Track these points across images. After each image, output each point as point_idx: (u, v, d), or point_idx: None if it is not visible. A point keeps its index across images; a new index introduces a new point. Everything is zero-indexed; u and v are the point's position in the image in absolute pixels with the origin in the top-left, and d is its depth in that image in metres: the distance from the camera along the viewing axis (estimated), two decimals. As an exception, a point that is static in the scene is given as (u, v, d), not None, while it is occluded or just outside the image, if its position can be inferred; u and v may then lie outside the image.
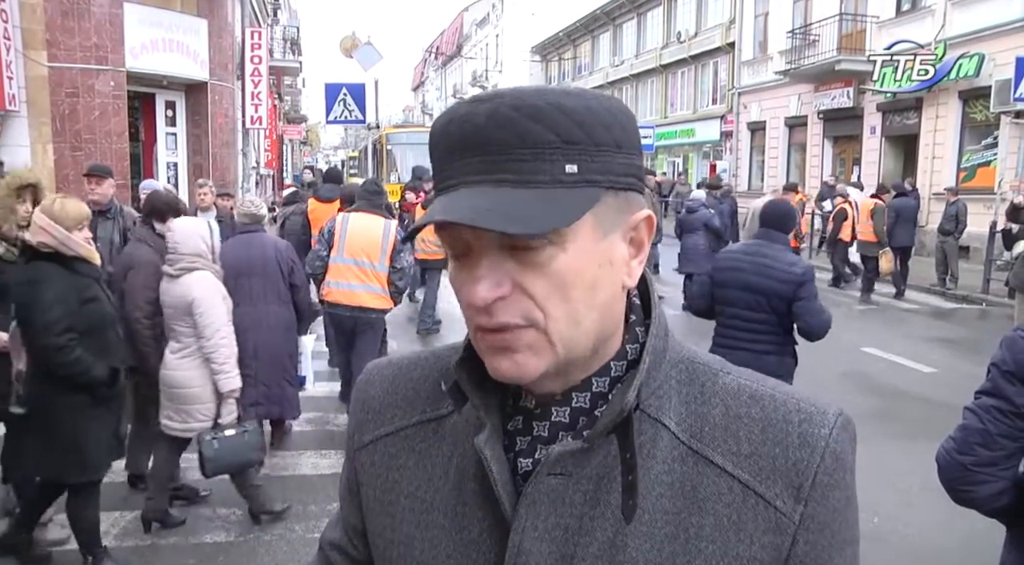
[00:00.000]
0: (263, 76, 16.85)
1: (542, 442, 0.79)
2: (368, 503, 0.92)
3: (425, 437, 0.88)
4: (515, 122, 0.70)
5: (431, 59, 68.00)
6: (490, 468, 0.76)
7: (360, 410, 0.95)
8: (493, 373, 0.75)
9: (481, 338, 0.75)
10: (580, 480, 0.77)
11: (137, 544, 4.15)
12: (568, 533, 0.76)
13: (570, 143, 0.71)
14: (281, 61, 24.74)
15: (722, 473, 0.76)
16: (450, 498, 0.83)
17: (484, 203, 0.69)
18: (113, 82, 11.04)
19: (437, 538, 0.83)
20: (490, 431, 0.78)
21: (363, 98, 13.35)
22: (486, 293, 0.71)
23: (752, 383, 0.81)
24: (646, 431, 0.77)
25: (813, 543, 0.76)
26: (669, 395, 0.79)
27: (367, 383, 0.96)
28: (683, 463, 0.77)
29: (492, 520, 0.79)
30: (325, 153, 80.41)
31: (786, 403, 0.78)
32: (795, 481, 0.75)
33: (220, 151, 13.54)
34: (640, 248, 0.78)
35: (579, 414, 0.78)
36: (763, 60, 24.55)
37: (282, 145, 33.75)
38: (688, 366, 0.82)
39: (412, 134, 22.26)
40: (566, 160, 0.71)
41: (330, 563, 0.99)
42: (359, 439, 0.93)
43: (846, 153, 21.86)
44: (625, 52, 35.04)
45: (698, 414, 0.78)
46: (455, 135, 0.73)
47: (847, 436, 0.78)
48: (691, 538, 0.75)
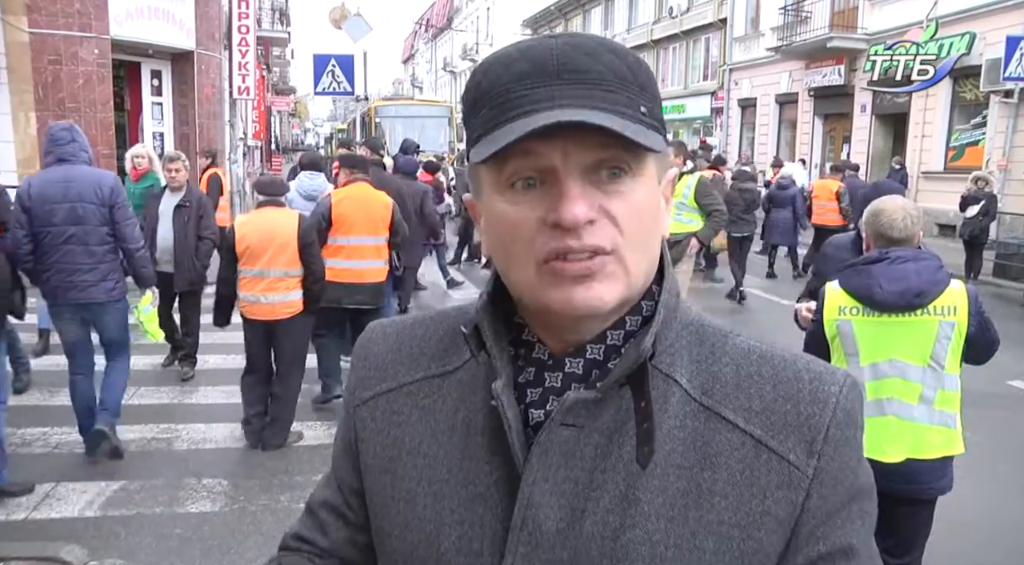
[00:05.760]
0: (251, 46, 16.63)
1: (554, 393, 0.78)
2: (367, 461, 0.89)
3: (429, 393, 0.86)
4: (600, 54, 0.72)
5: (421, 32, 67.27)
6: (505, 415, 0.75)
7: (361, 366, 0.92)
8: (564, 305, 0.73)
9: (557, 268, 0.72)
10: (592, 433, 0.76)
11: (122, 513, 4.15)
12: (579, 486, 0.76)
13: (640, 86, 0.73)
14: (269, 31, 24.45)
15: (734, 428, 0.76)
16: (455, 453, 0.82)
17: (592, 116, 0.68)
18: (97, 50, 10.87)
19: (441, 493, 0.81)
20: (506, 379, 0.77)
21: (351, 70, 13.26)
22: (584, 212, 0.70)
23: (761, 345, 0.82)
24: (658, 386, 0.77)
25: (826, 497, 0.76)
26: (680, 353, 0.79)
27: (369, 340, 0.94)
28: (695, 419, 0.77)
29: (501, 473, 0.78)
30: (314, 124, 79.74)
31: (795, 363, 0.79)
32: (807, 435, 0.75)
33: (207, 122, 13.40)
34: (668, 202, 0.81)
35: (593, 366, 0.78)
36: (755, 36, 24.42)
37: (270, 116, 33.43)
38: (698, 328, 0.82)
39: (401, 107, 22.08)
40: (641, 100, 0.73)
41: (321, 522, 0.96)
42: (359, 395, 0.91)
43: (836, 131, 21.86)
44: (616, 27, 34.77)
45: (709, 372, 0.79)
46: (531, 63, 0.72)
47: (856, 395, 0.79)
48: (704, 493, 0.75)
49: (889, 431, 2.74)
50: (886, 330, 2.76)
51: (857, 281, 2.79)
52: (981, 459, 4.65)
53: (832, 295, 2.85)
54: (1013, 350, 5.93)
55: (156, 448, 5.11)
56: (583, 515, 0.75)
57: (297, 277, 4.96)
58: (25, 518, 4.10)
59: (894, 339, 2.76)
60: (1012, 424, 5.89)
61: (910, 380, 2.75)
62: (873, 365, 2.77)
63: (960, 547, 3.89)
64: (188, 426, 5.43)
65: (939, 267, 2.78)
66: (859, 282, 2.78)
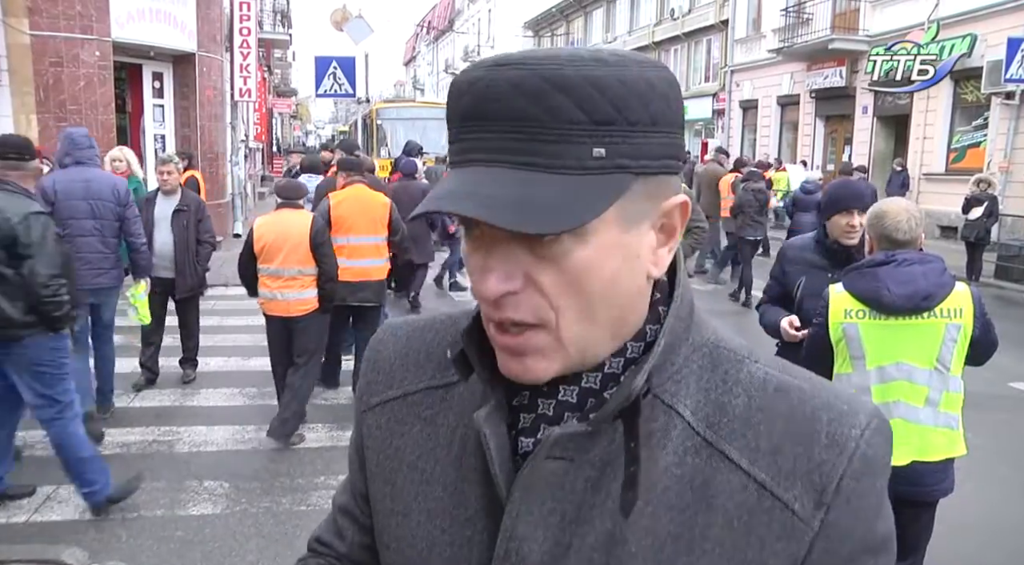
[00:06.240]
0: (252, 48, 16.61)
1: (546, 421, 0.74)
2: (371, 468, 0.88)
3: (432, 404, 0.83)
4: (544, 95, 0.62)
5: (423, 34, 67.32)
6: (487, 446, 0.72)
7: (371, 370, 0.90)
8: (503, 370, 0.71)
9: (493, 332, 0.70)
10: (583, 465, 0.72)
11: (123, 516, 4.15)
12: (566, 521, 0.72)
13: (600, 123, 0.63)
14: (271, 33, 24.42)
15: (737, 469, 0.70)
16: (450, 471, 0.79)
17: (501, 192, 0.63)
18: (99, 52, 10.88)
19: (434, 512, 0.79)
20: (493, 406, 0.73)
21: (353, 72, 13.28)
22: (496, 286, 0.66)
23: (781, 374, 0.74)
24: (658, 418, 0.71)
25: (833, 552, 0.69)
26: (687, 381, 0.73)
27: (380, 342, 0.91)
28: (696, 455, 0.71)
29: (488, 500, 0.75)
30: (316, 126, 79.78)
31: (815, 398, 0.72)
32: (817, 484, 0.68)
33: (208, 124, 13.41)
34: (671, 235, 0.71)
35: (588, 395, 0.73)
36: (756, 38, 24.42)
37: (271, 118, 33.45)
38: (712, 351, 0.75)
39: (403, 109, 22.03)
40: (594, 142, 0.63)
41: (339, 526, 0.97)
42: (367, 401, 0.90)
43: (838, 132, 21.84)
44: (618, 28, 34.78)
45: (717, 403, 0.72)
46: (473, 100, 0.65)
47: (881, 440, 0.72)
48: (696, 538, 0.69)
49: (896, 434, 2.72)
50: (893, 333, 2.75)
51: (863, 284, 2.77)
52: (982, 461, 4.65)
53: (837, 298, 2.82)
54: (1014, 352, 5.93)
55: (157, 450, 5.11)
56: (568, 551, 0.71)
57: (312, 275, 5.18)
58: (26, 521, 4.10)
59: (901, 342, 2.74)
60: (1013, 426, 5.88)
61: (916, 383, 2.75)
62: (880, 368, 2.76)
63: (961, 549, 3.88)
64: (189, 428, 5.43)
65: (944, 270, 2.78)
66: (865, 285, 2.76)
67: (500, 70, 0.65)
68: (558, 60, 0.64)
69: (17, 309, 3.78)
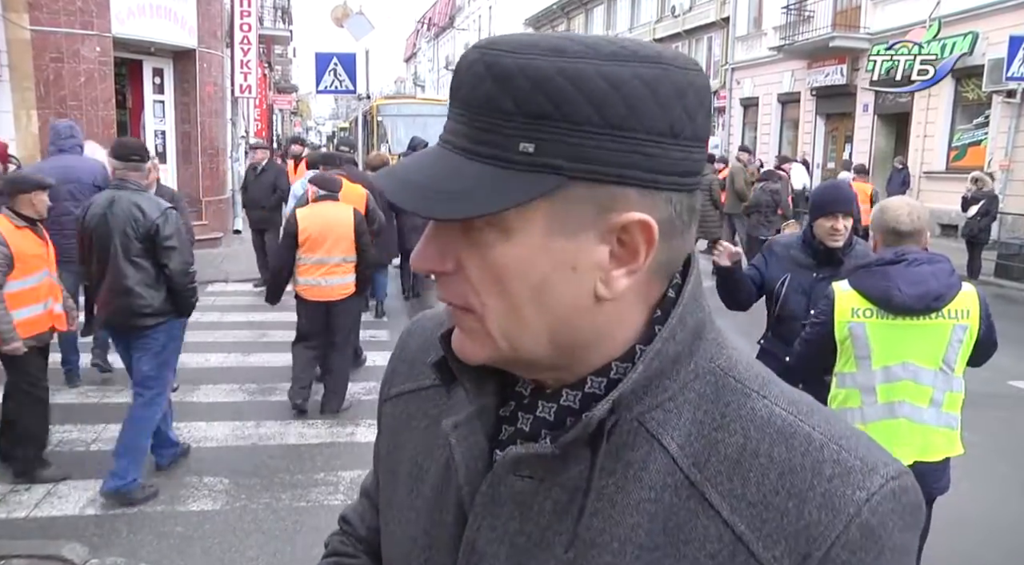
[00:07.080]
0: (252, 44, 16.59)
1: (523, 437, 0.70)
2: (381, 455, 0.90)
3: (437, 402, 0.82)
4: (482, 81, 0.61)
5: (423, 30, 67.20)
6: (452, 455, 0.72)
7: (396, 359, 0.91)
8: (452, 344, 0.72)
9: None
10: (553, 487, 0.68)
11: (124, 512, 4.16)
12: (530, 542, 0.68)
13: (533, 117, 0.60)
14: (271, 29, 24.41)
15: (716, 516, 0.63)
16: (439, 472, 0.78)
17: (424, 174, 0.63)
18: (99, 48, 10.87)
19: (421, 510, 0.78)
20: (471, 414, 0.72)
21: (353, 68, 13.25)
22: (418, 262, 0.67)
23: (791, 415, 0.66)
24: (640, 447, 0.66)
25: None
26: (681, 410, 0.66)
27: (409, 333, 0.92)
28: (675, 494, 0.64)
29: (460, 510, 0.73)
30: (316, 122, 79.72)
31: (824, 448, 0.63)
32: (803, 548, 0.60)
33: (208, 120, 13.40)
34: (633, 256, 0.64)
35: (567, 413, 0.69)
36: (757, 36, 24.39)
37: (272, 115, 33.42)
38: (718, 380, 0.68)
39: (403, 105, 21.99)
40: (523, 137, 0.60)
41: (362, 509, 1.01)
42: (387, 390, 0.91)
43: (838, 130, 21.83)
44: (619, 25, 34.72)
45: (710, 440, 0.65)
46: (453, 80, 0.66)
47: (894, 507, 0.62)
48: None
49: (900, 434, 2.73)
50: (900, 333, 2.74)
51: (872, 282, 2.75)
52: (981, 459, 4.65)
53: (844, 296, 2.79)
54: (1013, 350, 5.93)
55: (157, 446, 5.11)
56: None
57: (353, 262, 5.63)
58: (26, 516, 4.11)
59: (908, 342, 2.74)
60: (1012, 424, 5.89)
61: (922, 383, 2.74)
62: (886, 368, 2.75)
63: (959, 547, 3.89)
64: (189, 424, 5.42)
65: (952, 270, 2.77)
66: (874, 284, 2.74)
67: (479, 51, 0.64)
68: (518, 47, 0.61)
69: (157, 297, 4.21)
